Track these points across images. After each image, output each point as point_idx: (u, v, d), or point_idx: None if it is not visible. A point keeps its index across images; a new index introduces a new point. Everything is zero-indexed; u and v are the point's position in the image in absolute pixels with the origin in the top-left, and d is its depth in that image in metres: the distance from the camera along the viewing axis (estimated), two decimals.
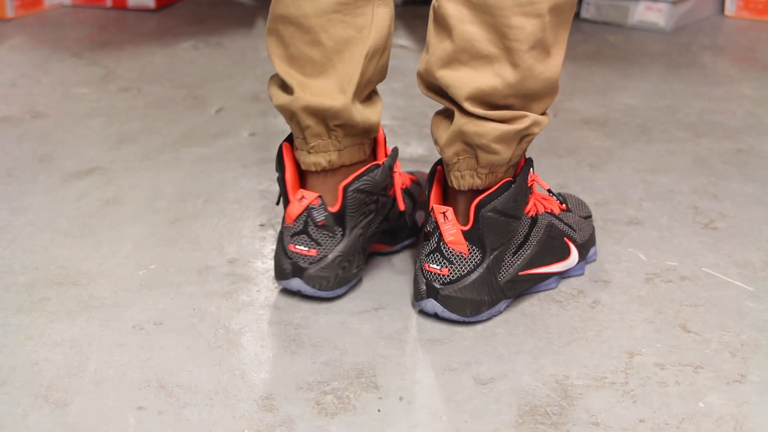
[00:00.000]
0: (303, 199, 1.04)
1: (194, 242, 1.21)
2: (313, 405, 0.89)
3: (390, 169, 1.09)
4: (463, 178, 1.01)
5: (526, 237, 1.06)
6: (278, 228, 1.25)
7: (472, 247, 1.00)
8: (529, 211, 1.06)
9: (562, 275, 1.11)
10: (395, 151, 1.11)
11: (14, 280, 1.12)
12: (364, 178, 1.05)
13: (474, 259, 1.01)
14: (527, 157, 1.06)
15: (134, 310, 1.05)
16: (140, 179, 1.41)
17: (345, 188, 1.04)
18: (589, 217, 1.18)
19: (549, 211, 1.10)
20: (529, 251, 1.06)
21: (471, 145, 0.99)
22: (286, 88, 1.05)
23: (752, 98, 1.79)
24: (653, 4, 2.31)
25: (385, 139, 1.12)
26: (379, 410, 0.89)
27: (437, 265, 1.01)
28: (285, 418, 0.87)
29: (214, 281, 1.11)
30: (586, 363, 0.96)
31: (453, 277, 1.00)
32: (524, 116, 0.98)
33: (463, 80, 0.96)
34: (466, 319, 1.02)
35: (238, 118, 1.69)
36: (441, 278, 1.01)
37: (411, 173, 1.24)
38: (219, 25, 2.36)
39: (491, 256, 1.01)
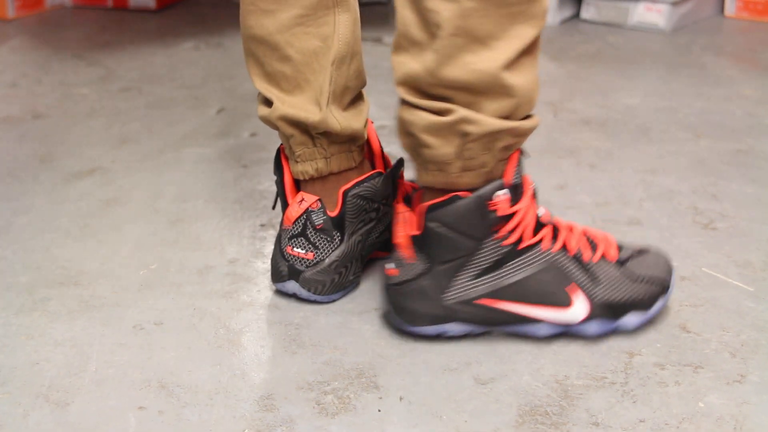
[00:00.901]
0: (303, 201, 1.04)
1: (195, 242, 1.21)
2: (314, 405, 0.89)
3: (393, 179, 1.09)
4: (418, 172, 0.97)
5: (497, 264, 0.96)
6: (278, 228, 1.25)
7: (419, 254, 0.97)
8: (507, 239, 0.95)
9: (566, 329, 0.99)
10: (400, 161, 1.11)
11: (15, 280, 1.12)
12: (365, 184, 1.05)
13: (419, 266, 0.97)
14: (515, 181, 0.95)
15: (135, 310, 1.06)
16: (141, 179, 1.42)
17: (345, 193, 1.04)
18: (653, 281, 1.00)
19: (563, 249, 0.98)
20: (499, 281, 0.96)
21: (410, 135, 0.94)
22: (267, 101, 1.06)
23: (752, 99, 1.79)
24: (653, 4, 2.31)
25: (382, 149, 1.12)
26: (379, 410, 0.89)
27: (393, 265, 0.99)
28: (285, 418, 0.87)
29: (215, 281, 1.12)
30: (586, 363, 0.96)
31: (399, 279, 0.98)
32: (452, 110, 0.90)
33: (399, 65, 0.93)
34: (402, 327, 0.99)
35: (239, 118, 1.69)
36: (389, 278, 1.00)
37: (412, 181, 1.24)
38: (220, 25, 2.37)
39: (438, 269, 0.96)
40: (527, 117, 0.95)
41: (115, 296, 1.08)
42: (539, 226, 0.98)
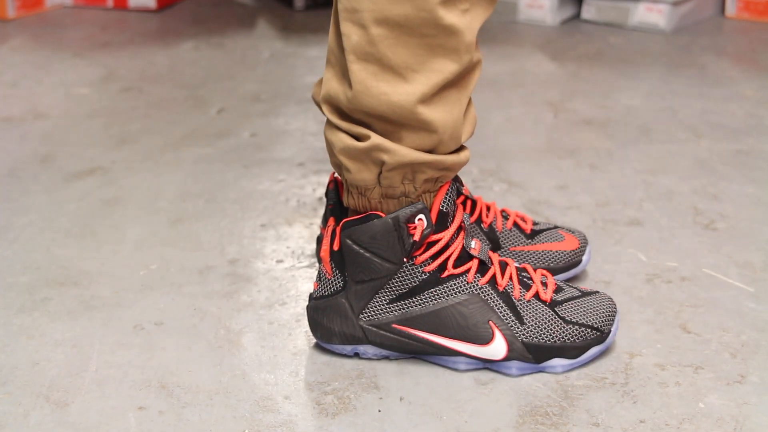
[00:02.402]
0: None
1: (195, 242, 1.21)
2: (314, 405, 0.89)
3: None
4: (344, 194, 0.95)
5: (414, 291, 0.92)
6: (279, 228, 1.25)
7: (335, 271, 0.95)
8: (428, 266, 0.92)
9: (487, 365, 0.94)
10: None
11: (16, 280, 1.12)
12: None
13: (336, 283, 0.95)
14: (443, 209, 0.92)
15: (135, 310, 1.06)
16: (141, 179, 1.42)
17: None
18: (589, 326, 0.95)
19: (491, 282, 0.94)
20: (414, 308, 0.93)
21: (333, 155, 0.92)
22: None
23: (752, 99, 1.79)
24: (654, 5, 2.31)
25: None
26: (379, 410, 0.89)
27: (317, 278, 0.97)
28: (285, 418, 0.87)
29: (215, 281, 1.12)
30: (586, 363, 0.96)
31: (317, 294, 0.97)
32: (368, 135, 0.88)
33: (326, 81, 0.91)
34: (320, 342, 0.98)
35: (239, 118, 1.69)
36: (312, 291, 0.98)
37: None
38: (220, 25, 2.37)
39: (354, 288, 0.94)
40: (458, 150, 0.93)
41: (115, 296, 1.08)
42: (468, 257, 0.94)
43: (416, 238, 0.91)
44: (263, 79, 1.92)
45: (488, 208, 1.10)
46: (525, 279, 0.97)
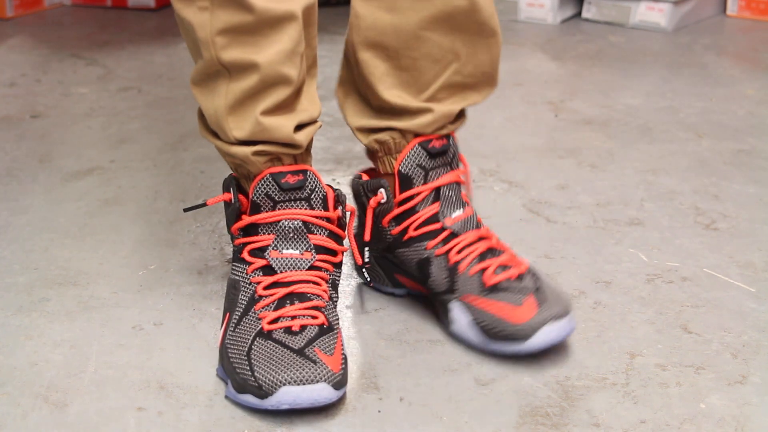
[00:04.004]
0: None
1: (194, 242, 1.21)
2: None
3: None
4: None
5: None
6: None
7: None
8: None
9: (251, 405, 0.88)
10: None
11: (14, 280, 1.12)
12: None
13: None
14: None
15: (134, 310, 1.05)
16: (140, 179, 1.41)
17: None
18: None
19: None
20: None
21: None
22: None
23: (754, 98, 1.79)
24: (655, 4, 2.31)
25: None
26: (379, 411, 0.88)
27: None
28: (285, 418, 0.87)
29: (214, 281, 1.11)
30: (587, 364, 0.95)
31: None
32: None
33: None
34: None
35: None
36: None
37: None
38: None
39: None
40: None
41: (114, 297, 1.08)
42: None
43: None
44: None
45: (469, 245, 1.00)
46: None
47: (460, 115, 1.05)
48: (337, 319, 0.94)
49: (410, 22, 0.98)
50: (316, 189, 0.96)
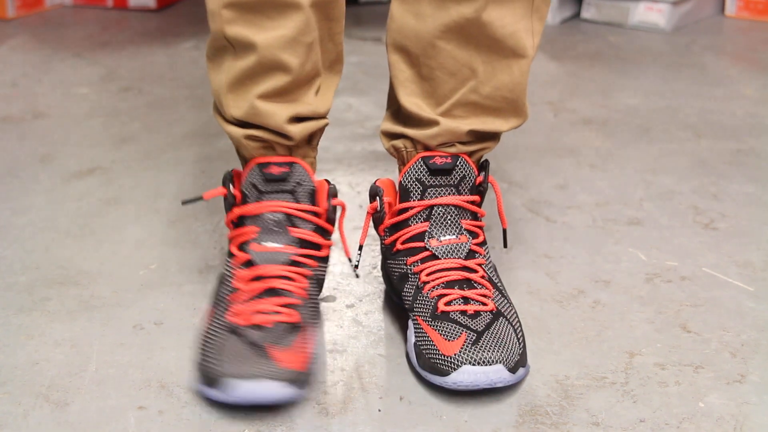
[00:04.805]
0: None
1: (195, 242, 1.21)
2: (314, 405, 0.89)
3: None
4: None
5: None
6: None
7: None
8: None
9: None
10: None
11: (15, 279, 1.12)
12: None
13: None
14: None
15: (135, 309, 1.06)
16: (141, 179, 1.42)
17: None
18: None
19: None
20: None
21: None
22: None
23: (752, 98, 1.79)
24: (654, 4, 2.31)
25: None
26: (379, 410, 0.89)
27: None
28: (285, 418, 0.87)
29: (215, 281, 1.11)
30: (586, 363, 0.96)
31: None
32: None
33: None
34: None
35: None
36: None
37: None
38: None
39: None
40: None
41: (115, 296, 1.08)
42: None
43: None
44: None
45: (442, 270, 0.97)
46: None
47: (483, 139, 1.01)
48: (314, 317, 0.94)
49: (429, 29, 0.96)
50: (303, 182, 0.96)
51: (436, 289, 0.95)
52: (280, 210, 0.95)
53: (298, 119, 0.97)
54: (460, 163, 0.98)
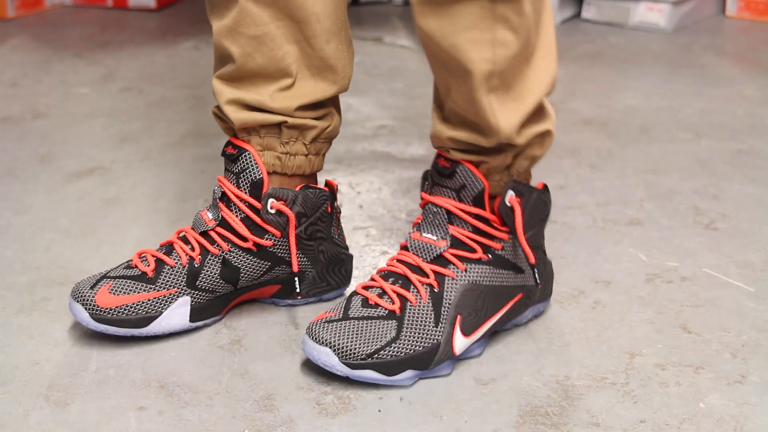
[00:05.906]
0: None
1: None
2: (314, 405, 0.89)
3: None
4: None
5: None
6: None
7: None
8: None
9: None
10: None
11: (15, 279, 1.12)
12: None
13: None
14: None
15: None
16: (141, 179, 1.42)
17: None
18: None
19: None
20: None
21: None
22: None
23: (753, 99, 1.79)
24: (654, 4, 2.31)
25: None
26: (379, 410, 0.89)
27: None
28: (285, 418, 0.87)
29: None
30: (586, 363, 0.96)
31: None
32: None
33: None
34: None
35: None
36: None
37: None
38: None
39: None
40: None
41: None
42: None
43: None
44: None
45: (398, 261, 0.99)
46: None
47: (479, 152, 0.96)
48: (171, 284, 0.98)
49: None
50: (248, 169, 1.01)
51: (377, 274, 0.97)
52: (222, 186, 1.03)
53: (244, 106, 1.02)
54: (460, 170, 0.95)
